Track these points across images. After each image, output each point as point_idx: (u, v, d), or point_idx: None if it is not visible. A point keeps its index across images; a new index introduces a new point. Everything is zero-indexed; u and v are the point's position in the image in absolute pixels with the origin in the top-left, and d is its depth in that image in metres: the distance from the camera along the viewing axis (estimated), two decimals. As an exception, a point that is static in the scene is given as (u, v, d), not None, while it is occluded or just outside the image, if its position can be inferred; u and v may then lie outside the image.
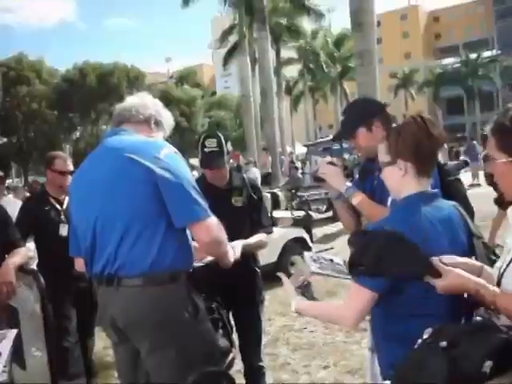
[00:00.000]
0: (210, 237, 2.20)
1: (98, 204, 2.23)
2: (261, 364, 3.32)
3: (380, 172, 2.62)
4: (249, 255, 3.14)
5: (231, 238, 3.01)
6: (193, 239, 2.29)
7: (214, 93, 67.32)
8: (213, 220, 2.20)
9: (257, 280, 3.33)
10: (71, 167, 4.15)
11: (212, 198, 3.13)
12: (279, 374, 4.35)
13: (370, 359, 2.72)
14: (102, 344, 5.03)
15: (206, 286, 2.41)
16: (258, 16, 22.28)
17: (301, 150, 37.16)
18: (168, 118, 2.54)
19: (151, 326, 2.15)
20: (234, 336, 2.95)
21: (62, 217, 4.03)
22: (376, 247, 1.75)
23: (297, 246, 7.66)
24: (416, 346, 1.48)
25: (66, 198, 4.04)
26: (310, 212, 8.73)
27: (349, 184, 2.59)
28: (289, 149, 32.79)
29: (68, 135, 43.51)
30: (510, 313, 1.58)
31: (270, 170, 21.03)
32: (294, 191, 14.32)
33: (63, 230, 3.92)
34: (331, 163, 2.67)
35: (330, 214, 13.98)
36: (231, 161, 4.20)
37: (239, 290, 3.11)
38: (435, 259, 1.72)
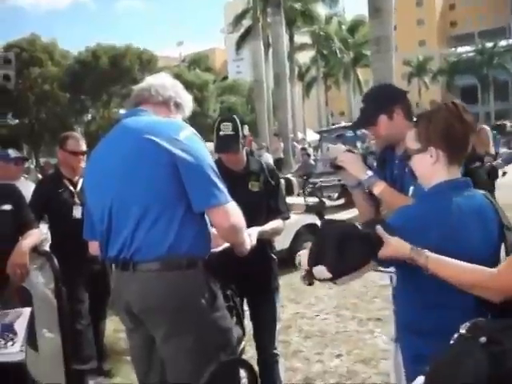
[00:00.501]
0: (229, 222, 2.12)
1: (114, 186, 2.16)
2: (275, 351, 3.27)
3: (400, 161, 2.57)
4: (265, 242, 3.08)
5: (248, 224, 2.95)
6: (211, 225, 2.23)
7: (225, 77, 66.95)
8: (232, 205, 2.14)
9: (273, 267, 3.27)
10: (84, 147, 4.10)
11: (228, 182, 3.08)
12: (292, 361, 4.31)
13: (394, 350, 2.64)
14: (113, 327, 5.02)
15: (220, 272, 2.34)
16: (272, 0, 22.02)
17: (312, 136, 37.02)
18: (187, 100, 2.46)
19: (167, 312, 2.09)
20: (247, 323, 2.91)
21: (76, 199, 3.99)
22: (332, 245, 1.77)
23: (309, 233, 7.58)
24: (452, 342, 1.41)
25: (80, 180, 4.01)
26: (323, 199, 8.61)
27: (370, 172, 2.51)
28: (300, 135, 32.64)
29: (80, 117, 43.47)
30: (439, 275, 1.70)
31: (281, 156, 20.91)
32: (306, 178, 14.22)
33: (77, 212, 3.89)
34: (349, 151, 2.59)
35: (341, 201, 13.92)
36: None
37: (255, 277, 3.05)
38: (378, 228, 1.77)
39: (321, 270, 1.79)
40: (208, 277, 2.18)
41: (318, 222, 7.91)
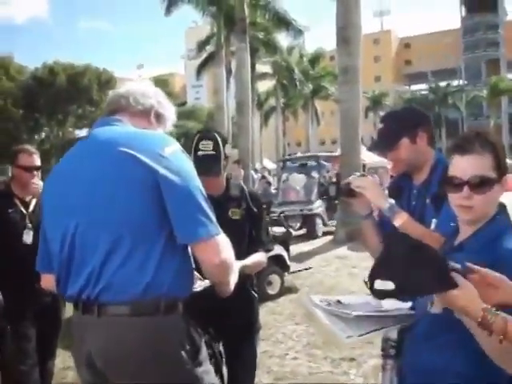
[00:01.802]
0: (219, 258, 1.76)
1: (80, 208, 1.77)
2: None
3: (419, 190, 2.28)
4: (245, 277, 2.70)
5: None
6: (194, 260, 1.86)
7: (184, 103, 66.73)
8: (223, 238, 1.80)
9: (254, 306, 2.90)
10: (38, 162, 3.64)
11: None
12: (263, 409, 3.91)
13: None
14: (61, 364, 4.52)
15: (195, 312, 1.94)
16: (238, 27, 21.98)
17: (269, 165, 37.05)
18: (171, 112, 2.14)
19: (139, 366, 1.70)
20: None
21: (27, 221, 3.51)
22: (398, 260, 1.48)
23: (274, 265, 7.23)
24: None
25: (33, 200, 3.56)
26: (289, 229, 8.29)
27: (391, 200, 2.20)
28: (257, 164, 32.48)
29: (33, 135, 42.19)
30: None
31: (242, 184, 20.61)
32: (266, 207, 13.93)
33: (27, 237, 3.44)
34: (364, 175, 2.30)
35: (303, 231, 13.69)
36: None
37: (234, 317, 2.66)
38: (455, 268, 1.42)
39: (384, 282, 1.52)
40: (189, 323, 1.81)
41: (285, 254, 7.58)
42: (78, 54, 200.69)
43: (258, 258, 2.85)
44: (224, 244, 1.79)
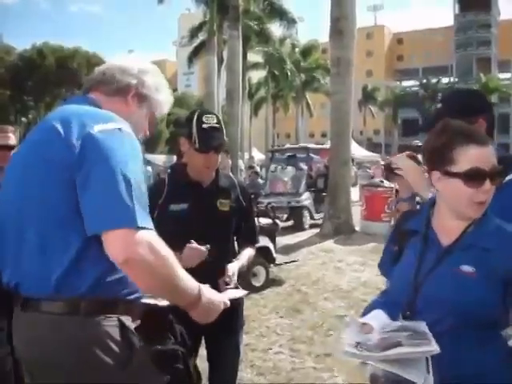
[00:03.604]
0: (125, 255, 1.43)
1: (13, 194, 1.64)
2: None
3: None
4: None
5: (215, 248, 2.51)
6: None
7: (174, 90, 66.27)
8: (147, 234, 1.46)
9: (239, 301, 2.79)
10: (13, 141, 3.48)
11: (194, 200, 2.62)
12: (245, 404, 3.83)
13: None
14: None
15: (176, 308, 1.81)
16: (230, 14, 21.76)
17: (257, 156, 36.94)
18: (162, 95, 1.90)
19: (56, 369, 1.54)
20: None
21: None
22: None
23: (260, 256, 7.14)
24: None
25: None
26: (276, 220, 8.18)
27: (434, 190, 2.07)
28: (246, 154, 32.36)
29: (20, 117, 41.64)
30: None
31: (230, 174, 20.54)
32: (253, 197, 13.83)
33: None
34: (413, 157, 2.14)
35: (290, 223, 13.62)
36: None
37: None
38: None
39: None
40: (125, 326, 1.59)
41: (271, 245, 7.50)
42: (69, 36, 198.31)
43: (249, 254, 2.81)
44: (141, 240, 1.44)
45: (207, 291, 1.67)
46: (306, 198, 13.78)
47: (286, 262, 8.27)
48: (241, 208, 2.75)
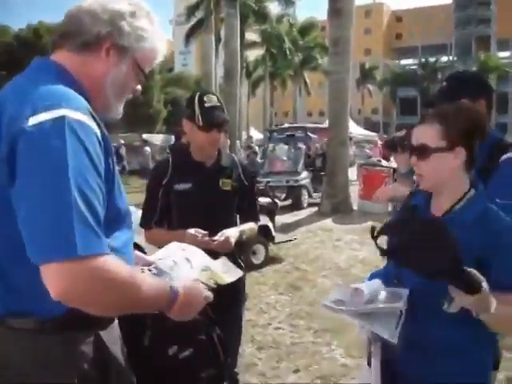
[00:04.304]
0: (56, 290, 1.18)
1: None
2: (236, 371, 2.90)
3: None
4: (236, 247, 2.71)
5: (216, 227, 2.60)
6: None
7: (171, 69, 65.79)
8: (86, 264, 1.18)
9: (242, 278, 2.89)
10: None
11: (197, 180, 2.71)
12: (246, 376, 3.94)
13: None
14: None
15: None
16: (228, -8, 21.59)
17: (255, 135, 36.87)
18: (146, 40, 1.48)
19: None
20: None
21: None
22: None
23: (259, 235, 7.25)
24: None
25: None
26: (275, 199, 8.28)
27: None
28: (244, 133, 32.35)
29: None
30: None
31: (233, 155, 20.63)
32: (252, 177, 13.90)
33: None
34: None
35: (288, 202, 13.72)
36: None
37: (221, 286, 2.66)
38: (472, 271, 1.46)
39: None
40: (102, 346, 1.42)
41: (270, 224, 7.60)
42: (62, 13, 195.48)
43: (251, 226, 2.88)
44: (78, 273, 1.17)
45: (186, 290, 1.48)
46: (305, 177, 13.87)
47: (285, 241, 8.39)
48: (242, 187, 2.84)
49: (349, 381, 3.88)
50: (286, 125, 24.31)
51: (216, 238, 2.51)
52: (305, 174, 13.98)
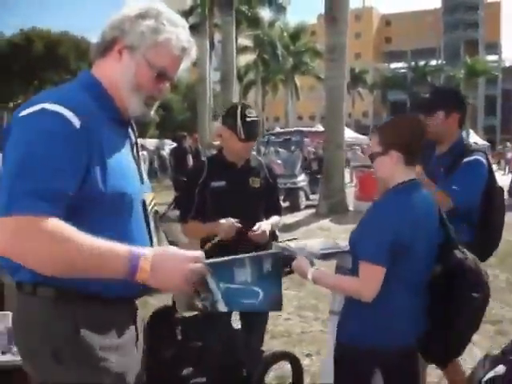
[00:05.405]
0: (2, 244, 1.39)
1: None
2: (262, 348, 3.26)
3: (438, 160, 2.98)
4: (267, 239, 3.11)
5: (246, 219, 2.96)
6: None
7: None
8: (11, 221, 1.36)
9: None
10: None
11: (230, 178, 3.08)
12: (264, 360, 4.29)
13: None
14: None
15: None
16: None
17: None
18: (150, 36, 1.58)
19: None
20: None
21: None
22: None
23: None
24: None
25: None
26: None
27: None
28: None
29: (7, 102, 41.44)
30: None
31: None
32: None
33: None
34: None
35: (286, 204, 14.07)
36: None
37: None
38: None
39: None
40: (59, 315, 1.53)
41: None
42: (56, 20, 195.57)
43: (276, 219, 3.30)
44: (4, 228, 1.36)
45: (157, 255, 1.48)
46: (302, 180, 14.24)
47: (288, 240, 8.71)
48: (268, 185, 3.22)
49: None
50: (278, 129, 24.70)
51: (255, 228, 2.87)
52: (302, 176, 14.36)
